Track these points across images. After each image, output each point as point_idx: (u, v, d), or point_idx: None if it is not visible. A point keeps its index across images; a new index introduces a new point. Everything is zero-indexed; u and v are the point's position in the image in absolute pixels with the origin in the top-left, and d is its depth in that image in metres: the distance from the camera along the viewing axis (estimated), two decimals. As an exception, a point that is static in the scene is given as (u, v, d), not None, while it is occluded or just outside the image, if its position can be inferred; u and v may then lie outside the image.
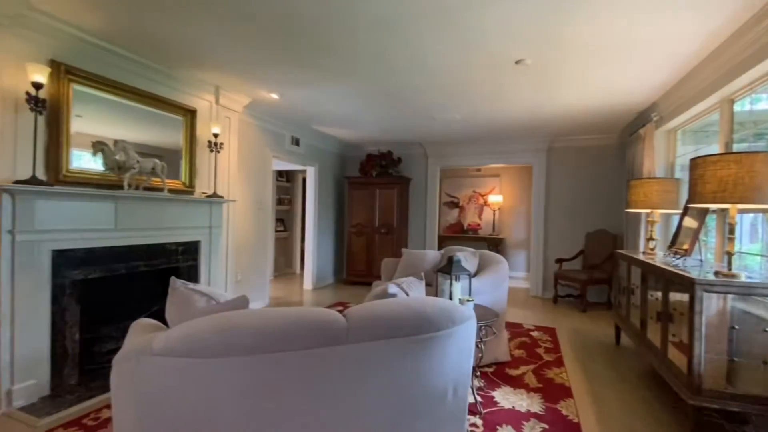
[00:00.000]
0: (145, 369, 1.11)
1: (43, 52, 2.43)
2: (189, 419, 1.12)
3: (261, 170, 4.80)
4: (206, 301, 1.43)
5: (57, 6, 2.30)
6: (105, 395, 2.43)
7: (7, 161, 2.26)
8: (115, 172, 2.80)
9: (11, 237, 2.22)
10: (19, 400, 2.28)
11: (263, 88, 3.70)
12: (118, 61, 2.86)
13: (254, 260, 4.74)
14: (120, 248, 2.84)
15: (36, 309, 2.36)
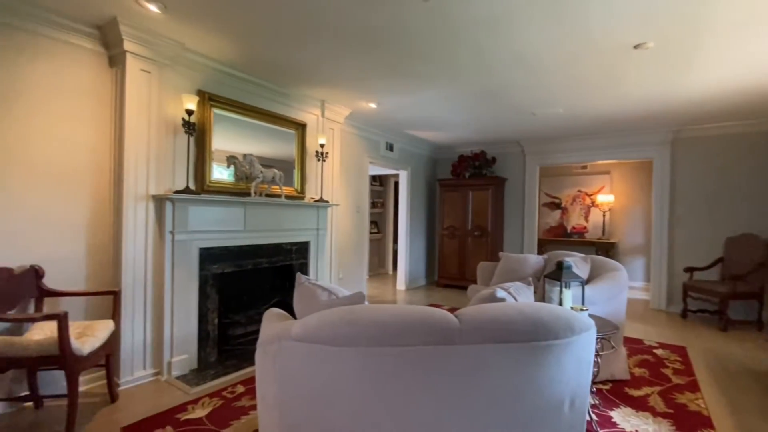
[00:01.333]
0: (284, 351, 1.28)
1: (193, 84, 2.95)
2: (318, 397, 1.27)
3: (359, 175, 5.09)
4: (327, 295, 1.59)
5: (203, 45, 2.77)
6: (237, 373, 2.83)
7: (168, 175, 2.80)
8: (244, 181, 3.26)
9: (172, 237, 2.73)
10: (176, 371, 2.78)
11: (363, 98, 3.93)
12: (244, 85, 3.32)
13: (353, 260, 5.04)
14: (247, 247, 3.28)
15: (188, 296, 2.86)
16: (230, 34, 2.61)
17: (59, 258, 2.43)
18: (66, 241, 2.46)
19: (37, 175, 2.33)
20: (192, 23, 2.47)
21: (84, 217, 2.53)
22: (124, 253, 2.55)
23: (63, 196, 2.44)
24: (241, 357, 3.12)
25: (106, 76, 2.62)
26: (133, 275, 2.59)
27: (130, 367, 2.61)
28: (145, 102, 2.61)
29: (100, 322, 2.27)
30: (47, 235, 2.38)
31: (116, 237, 2.61)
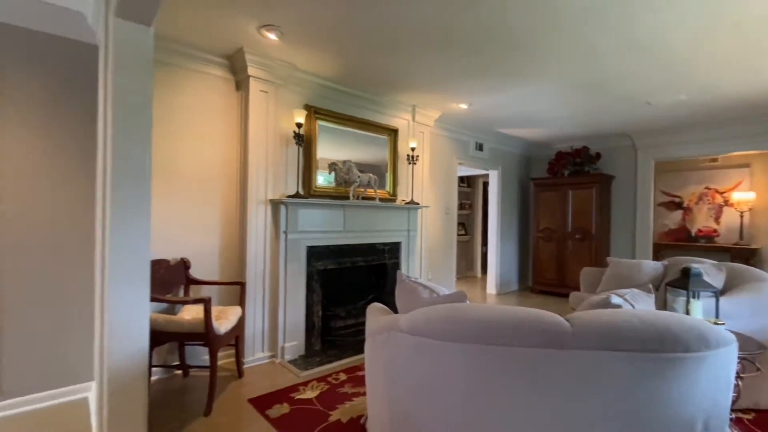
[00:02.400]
0: (393, 341, 1.38)
1: (301, 100, 3.29)
2: (423, 387, 1.34)
3: (448, 177, 5.09)
4: (429, 293, 1.65)
5: (310, 64, 3.08)
6: (339, 362, 3.06)
7: (281, 182, 3.17)
8: (343, 186, 3.52)
9: (285, 236, 3.09)
10: (288, 355, 3.13)
11: (454, 100, 3.94)
12: (342, 97, 3.59)
13: (442, 262, 5.05)
14: (346, 246, 3.53)
15: (297, 289, 3.19)
16: (332, 53, 2.86)
17: (200, 253, 2.92)
18: (205, 238, 2.94)
19: (184, 186, 2.84)
20: (302, 47, 2.77)
21: (217, 219, 3.01)
22: (248, 249, 2.96)
23: (202, 201, 2.93)
24: (341, 347, 3.37)
25: (233, 99, 3.07)
26: (254, 269, 2.99)
27: (252, 348, 3.01)
28: (263, 119, 3.00)
29: (231, 308, 2.67)
30: (192, 234, 2.88)
31: (241, 236, 3.04)
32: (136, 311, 1.75)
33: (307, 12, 2.30)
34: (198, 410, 2.32)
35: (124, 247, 1.71)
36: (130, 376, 1.74)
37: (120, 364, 1.71)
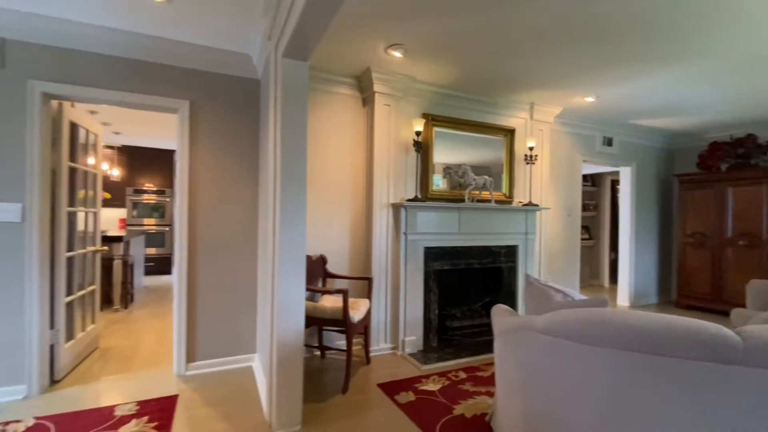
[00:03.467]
0: (527, 341, 1.42)
1: (419, 109, 3.49)
2: (560, 388, 1.35)
3: (570, 176, 4.74)
4: (562, 296, 1.64)
5: (428, 75, 3.25)
6: (456, 360, 3.15)
7: (401, 187, 3.40)
8: (457, 189, 3.60)
9: (405, 237, 3.31)
10: (408, 348, 3.33)
11: (577, 94, 3.69)
12: (457, 102, 3.67)
13: (563, 268, 4.72)
14: (461, 248, 3.60)
15: (416, 287, 3.39)
16: (450, 61, 2.97)
17: (333, 250, 3.33)
18: (337, 238, 3.34)
19: (321, 192, 3.27)
20: (422, 60, 2.95)
21: (347, 221, 3.38)
22: (373, 249, 3.26)
23: (335, 206, 3.33)
24: (457, 347, 3.45)
25: (360, 114, 3.43)
26: (378, 266, 3.28)
27: (377, 338, 3.30)
28: (386, 130, 3.28)
29: (361, 300, 2.98)
30: (327, 234, 3.30)
31: (367, 236, 3.36)
32: (295, 298, 2.12)
33: (429, 27, 2.47)
34: (336, 388, 2.66)
35: (288, 245, 2.09)
36: (291, 349, 2.12)
37: (285, 339, 2.10)
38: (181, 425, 2.17)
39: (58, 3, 2.26)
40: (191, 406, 2.39)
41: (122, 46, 2.63)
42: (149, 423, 2.17)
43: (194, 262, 2.90)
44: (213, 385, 2.68)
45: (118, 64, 2.66)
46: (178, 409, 2.35)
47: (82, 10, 2.34)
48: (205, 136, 2.93)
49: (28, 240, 2.44)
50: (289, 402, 2.12)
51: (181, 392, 2.57)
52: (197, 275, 2.92)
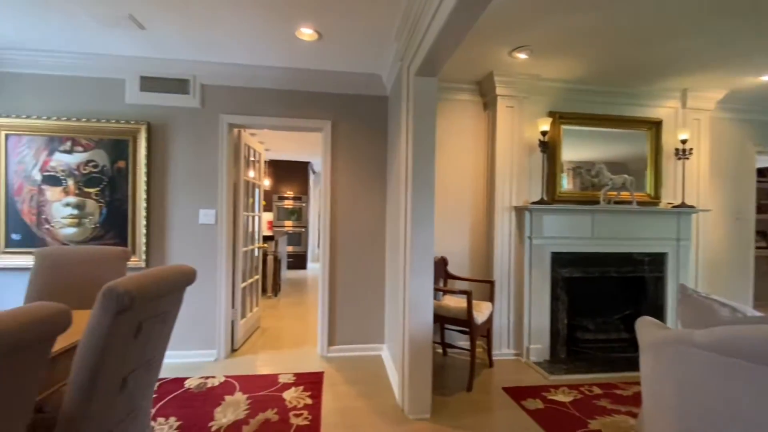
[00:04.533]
0: (683, 356, 1.31)
1: (544, 108, 3.36)
2: (725, 414, 1.20)
3: (738, 171, 3.93)
4: (730, 311, 1.44)
5: (554, 72, 3.12)
6: (589, 375, 2.93)
7: (524, 189, 3.32)
8: (590, 189, 3.34)
9: (530, 241, 3.22)
10: (533, 356, 3.23)
11: (748, 73, 3.06)
12: (587, 96, 3.40)
13: (729, 281, 3.93)
14: (594, 254, 3.32)
15: (541, 294, 3.26)
16: (580, 56, 2.80)
17: (453, 252, 3.43)
18: (458, 240, 3.44)
19: (443, 196, 3.41)
20: (549, 58, 2.85)
21: (468, 224, 3.45)
22: (495, 252, 3.26)
23: (457, 209, 3.44)
24: (589, 361, 3.20)
25: (481, 118, 3.46)
26: (500, 270, 3.27)
27: (499, 343, 3.29)
28: (508, 132, 3.25)
29: (483, 303, 3.02)
30: (449, 236, 3.42)
31: (488, 239, 3.38)
32: (424, 295, 2.30)
33: (558, 24, 2.39)
34: (460, 385, 2.76)
35: (418, 247, 2.28)
36: (421, 343, 2.30)
37: (415, 334, 2.29)
38: (329, 397, 2.55)
39: (238, 53, 2.90)
40: (334, 383, 2.77)
41: (281, 80, 3.20)
42: (305, 392, 2.61)
43: (334, 259, 3.34)
44: (349, 368, 3.05)
45: (278, 96, 3.25)
46: (325, 383, 2.76)
47: (254, 56, 2.95)
48: (342, 150, 3.35)
49: (219, 238, 3.17)
50: (420, 392, 2.31)
51: (325, 370, 2.99)
52: (337, 271, 3.35)
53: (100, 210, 3.01)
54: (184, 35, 2.62)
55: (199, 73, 3.10)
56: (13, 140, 2.93)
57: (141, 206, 3.03)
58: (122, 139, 3.02)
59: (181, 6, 2.26)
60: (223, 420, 2.24)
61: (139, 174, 3.03)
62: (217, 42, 2.72)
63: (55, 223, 2.96)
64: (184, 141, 3.13)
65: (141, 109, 3.07)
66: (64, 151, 2.97)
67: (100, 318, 1.01)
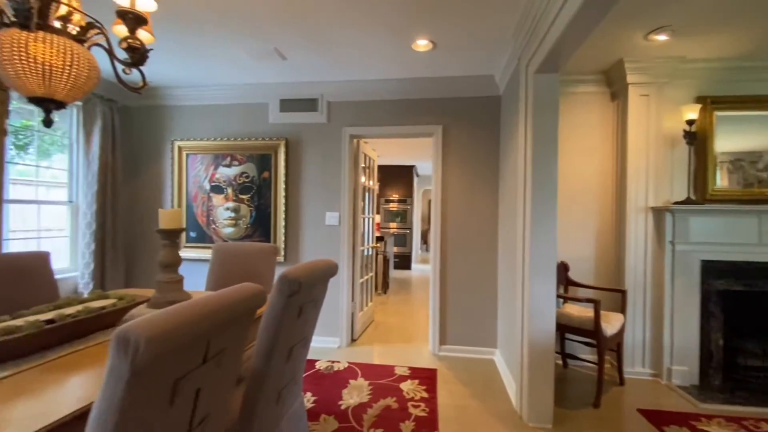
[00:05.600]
0: None
1: (690, 93, 2.91)
2: None
3: None
4: None
5: (705, 51, 2.68)
6: (755, 408, 2.43)
7: (664, 188, 2.92)
8: (754, 186, 2.77)
9: (671, 247, 2.82)
10: (675, 379, 2.81)
11: None
12: (751, 74, 2.83)
13: None
14: (763, 264, 2.74)
15: (687, 309, 2.82)
16: (740, 28, 2.35)
17: (576, 257, 3.19)
18: (581, 245, 3.19)
19: (563, 196, 3.21)
20: (697, 35, 2.47)
21: (592, 227, 3.18)
22: (626, 258, 2.94)
23: (578, 210, 3.19)
24: (757, 392, 2.65)
25: (607, 111, 3.16)
26: (633, 279, 2.92)
27: (631, 360, 2.94)
28: (643, 123, 2.90)
29: (613, 314, 2.75)
30: (570, 240, 3.20)
31: (618, 244, 3.06)
32: (545, 301, 2.21)
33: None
34: (585, 400, 2.56)
35: (538, 250, 2.21)
36: (542, 350, 2.22)
37: (535, 340, 2.22)
38: (444, 393, 2.63)
39: (359, 71, 3.18)
40: (447, 381, 2.84)
41: (394, 90, 3.41)
42: (420, 385, 2.73)
43: (445, 260, 3.41)
44: (461, 368, 3.08)
45: (391, 106, 3.47)
46: (439, 380, 2.84)
47: (372, 72, 3.20)
48: (453, 153, 3.41)
49: (342, 237, 3.52)
50: (541, 400, 2.22)
51: (438, 367, 3.08)
52: (447, 272, 3.42)
53: (250, 213, 3.62)
54: (316, 60, 3.00)
55: (325, 92, 3.50)
56: (191, 158, 3.72)
57: (281, 209, 3.55)
58: (266, 154, 3.58)
59: (316, 35, 2.60)
60: (350, 401, 2.49)
61: (279, 182, 3.56)
62: (341, 63, 3.04)
63: (218, 223, 3.67)
64: (314, 152, 3.57)
65: (280, 127, 3.60)
66: (225, 165, 3.65)
67: (277, 299, 1.26)
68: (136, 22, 1.27)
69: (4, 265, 1.71)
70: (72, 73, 1.24)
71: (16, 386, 0.99)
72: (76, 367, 1.13)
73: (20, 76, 1.19)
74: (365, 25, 2.44)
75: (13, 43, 1.15)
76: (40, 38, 1.18)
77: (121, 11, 1.25)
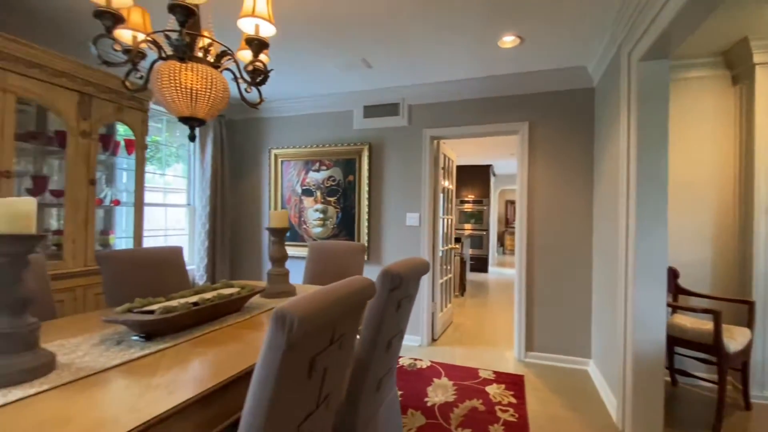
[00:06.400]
0: None
1: (843, 69, 2.42)
2: None
3: None
4: None
5: None
6: None
7: (806, 182, 2.47)
8: None
9: (818, 252, 2.38)
10: (824, 411, 2.35)
11: None
12: None
13: None
14: None
15: (841, 326, 2.35)
16: None
17: (687, 263, 2.84)
18: (694, 248, 2.83)
19: (674, 194, 2.88)
20: None
21: (709, 228, 2.81)
22: (754, 264, 2.54)
23: (690, 210, 2.84)
24: None
25: (726, 96, 2.77)
26: (764, 288, 2.52)
27: (761, 381, 2.54)
28: (777, 108, 2.49)
29: (736, 328, 2.41)
30: (680, 243, 2.86)
31: (742, 248, 2.66)
32: (653, 310, 2.02)
33: None
34: (700, 423, 2.28)
35: (645, 254, 2.02)
36: (649, 364, 2.03)
37: (641, 353, 2.04)
38: (533, 401, 2.53)
39: (440, 72, 3.21)
40: (536, 388, 2.73)
41: (476, 89, 3.38)
42: (507, 390, 2.67)
43: (531, 263, 3.28)
44: (550, 376, 2.93)
45: (473, 105, 3.44)
46: (527, 387, 2.74)
47: (453, 72, 3.21)
48: (540, 150, 3.26)
49: (422, 238, 3.57)
50: (648, 419, 2.03)
51: (525, 374, 2.97)
52: (534, 275, 3.28)
53: (336, 214, 3.85)
54: (397, 65, 3.11)
55: (406, 96, 3.59)
56: (285, 164, 4.07)
57: (364, 211, 3.72)
58: (351, 158, 3.78)
59: (401, 42, 2.70)
60: (435, 398, 2.53)
61: (362, 185, 3.74)
62: (423, 66, 3.10)
63: (309, 224, 3.96)
64: (395, 155, 3.68)
65: (364, 133, 3.78)
66: (314, 170, 3.94)
67: (380, 292, 1.35)
68: (260, 47, 1.46)
69: (151, 257, 2.07)
70: (211, 95, 1.47)
71: (177, 355, 1.21)
72: (217, 343, 1.33)
73: (174, 100, 1.44)
74: (450, 27, 2.46)
75: (170, 72, 1.40)
76: (189, 67, 1.42)
77: (248, 39, 1.45)
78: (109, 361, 1.12)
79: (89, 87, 2.41)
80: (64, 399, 0.89)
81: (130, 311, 1.33)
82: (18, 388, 0.93)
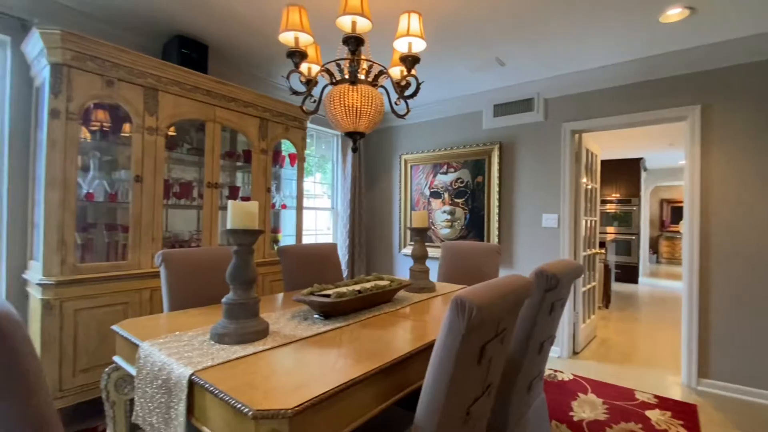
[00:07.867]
0: None
1: None
2: None
3: None
4: None
5: None
6: None
7: None
8: None
9: None
10: None
11: None
12: None
13: None
14: None
15: None
16: None
17: None
18: None
19: None
20: None
21: None
22: None
23: None
24: None
25: None
26: None
27: None
28: None
29: None
30: None
31: None
32: None
33: None
34: None
35: None
36: None
37: None
38: (713, 437, 2.12)
39: (579, 61, 2.95)
40: (716, 422, 2.27)
41: (626, 75, 2.99)
42: (674, 419, 2.29)
43: (706, 273, 2.75)
44: (736, 411, 2.40)
45: (622, 92, 3.06)
46: (701, 419, 2.31)
47: (596, 59, 2.91)
48: (718, 138, 2.71)
49: (561, 241, 3.32)
50: None
51: (698, 404, 2.50)
52: (710, 288, 2.74)
53: (464, 215, 3.88)
54: (532, 59, 2.97)
55: (541, 90, 3.40)
56: (414, 169, 4.28)
57: (494, 212, 3.66)
58: (480, 159, 3.76)
59: (536, 35, 2.59)
60: (582, 414, 2.34)
61: (492, 186, 3.68)
62: (562, 56, 2.90)
63: (437, 225, 4.08)
64: (528, 153, 3.52)
65: (493, 132, 3.72)
66: (442, 173, 4.04)
67: (535, 292, 1.35)
68: (413, 63, 1.61)
69: (317, 251, 2.44)
70: (371, 111, 1.68)
71: (352, 333, 1.42)
72: (379, 326, 1.51)
73: (343, 118, 1.69)
74: (602, 9, 2.26)
75: (340, 95, 1.66)
76: (354, 89, 1.65)
77: (402, 56, 1.62)
78: (304, 332, 1.39)
79: (266, 113, 2.97)
80: (283, 356, 1.15)
81: (312, 294, 1.62)
82: (250, 345, 1.23)
